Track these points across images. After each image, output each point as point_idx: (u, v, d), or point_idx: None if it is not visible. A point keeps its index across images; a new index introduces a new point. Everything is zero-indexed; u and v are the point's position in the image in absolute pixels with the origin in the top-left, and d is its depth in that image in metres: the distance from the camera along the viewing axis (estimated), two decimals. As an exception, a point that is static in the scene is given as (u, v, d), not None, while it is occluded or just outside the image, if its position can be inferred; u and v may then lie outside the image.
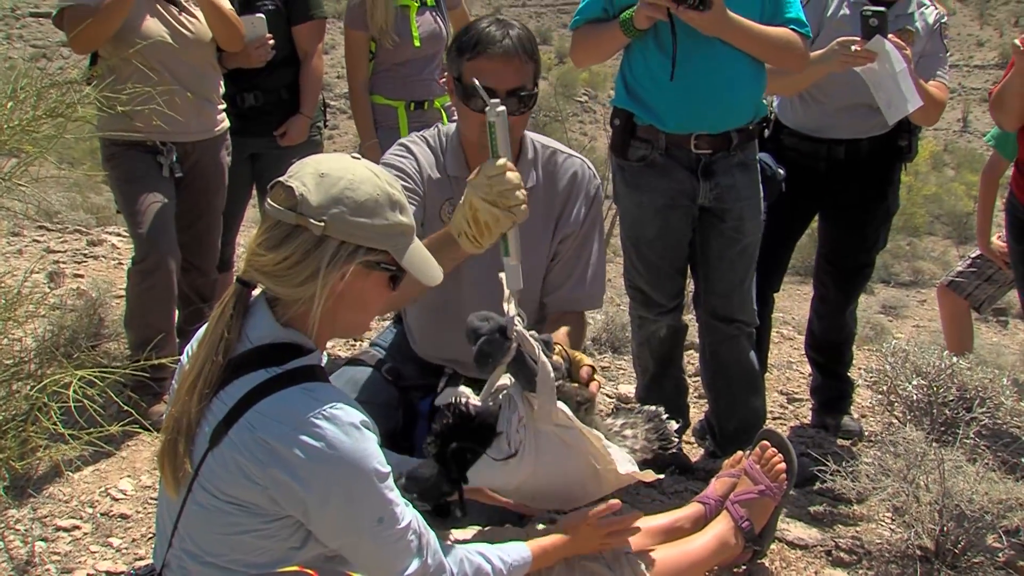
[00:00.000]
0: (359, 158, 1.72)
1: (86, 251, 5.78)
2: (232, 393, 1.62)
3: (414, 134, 2.61)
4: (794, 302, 9.15)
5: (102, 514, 2.72)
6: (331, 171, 1.64)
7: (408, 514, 1.70)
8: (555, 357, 2.03)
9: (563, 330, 2.44)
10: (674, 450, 2.39)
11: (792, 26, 2.86)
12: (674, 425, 2.31)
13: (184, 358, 1.79)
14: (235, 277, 1.73)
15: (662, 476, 2.22)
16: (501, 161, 1.96)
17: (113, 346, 3.77)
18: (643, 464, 2.19)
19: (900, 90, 3.05)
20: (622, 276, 3.25)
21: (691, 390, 3.78)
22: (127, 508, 2.75)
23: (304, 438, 1.56)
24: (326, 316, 1.69)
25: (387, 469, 1.66)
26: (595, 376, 2.16)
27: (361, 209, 1.63)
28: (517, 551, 1.91)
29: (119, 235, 6.21)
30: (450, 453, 1.94)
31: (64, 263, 5.42)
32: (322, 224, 1.60)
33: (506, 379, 2.04)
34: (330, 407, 1.60)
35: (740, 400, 3.18)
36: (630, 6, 2.76)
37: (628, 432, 2.24)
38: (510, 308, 1.96)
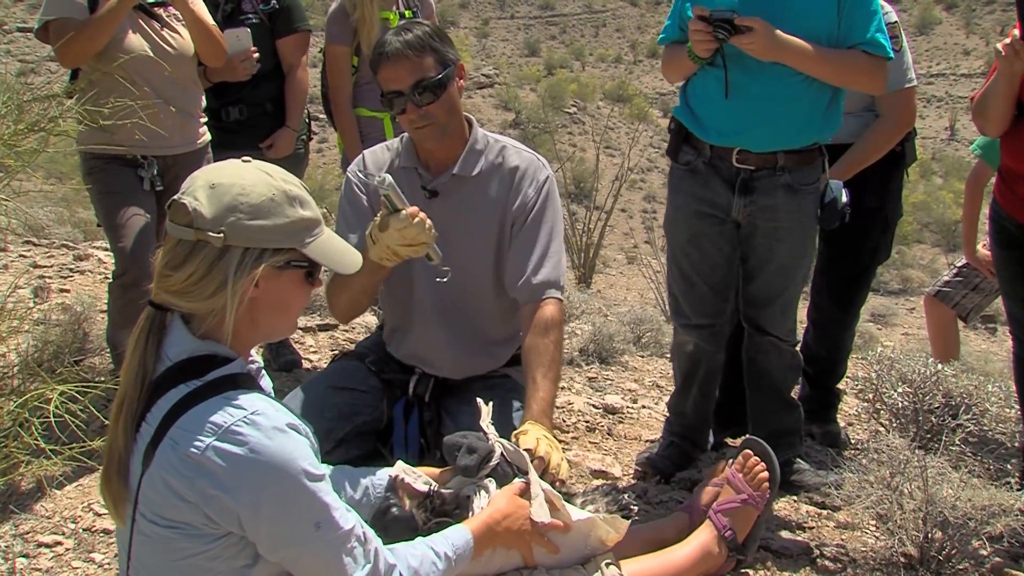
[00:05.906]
0: (250, 161, 1.71)
1: (72, 266, 5.76)
2: (156, 414, 1.61)
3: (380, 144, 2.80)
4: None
5: (84, 529, 2.70)
6: (222, 181, 1.63)
7: (350, 519, 1.66)
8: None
9: (537, 373, 2.44)
10: (636, 517, 2.51)
11: (864, 47, 2.77)
12: (629, 497, 2.37)
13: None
14: (148, 301, 1.70)
15: (620, 537, 2.21)
16: (403, 213, 2.22)
17: (98, 360, 3.75)
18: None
19: None
20: (607, 288, 3.25)
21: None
22: (109, 523, 2.71)
23: (226, 446, 1.53)
24: (246, 323, 1.68)
25: (320, 471, 1.62)
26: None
27: (257, 212, 1.62)
28: (458, 533, 1.88)
29: (105, 249, 6.17)
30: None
31: (50, 278, 5.40)
32: (221, 235, 1.59)
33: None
34: (252, 413, 1.57)
35: (769, 411, 3.19)
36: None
37: (589, 508, 2.26)
38: (489, 434, 2.13)
